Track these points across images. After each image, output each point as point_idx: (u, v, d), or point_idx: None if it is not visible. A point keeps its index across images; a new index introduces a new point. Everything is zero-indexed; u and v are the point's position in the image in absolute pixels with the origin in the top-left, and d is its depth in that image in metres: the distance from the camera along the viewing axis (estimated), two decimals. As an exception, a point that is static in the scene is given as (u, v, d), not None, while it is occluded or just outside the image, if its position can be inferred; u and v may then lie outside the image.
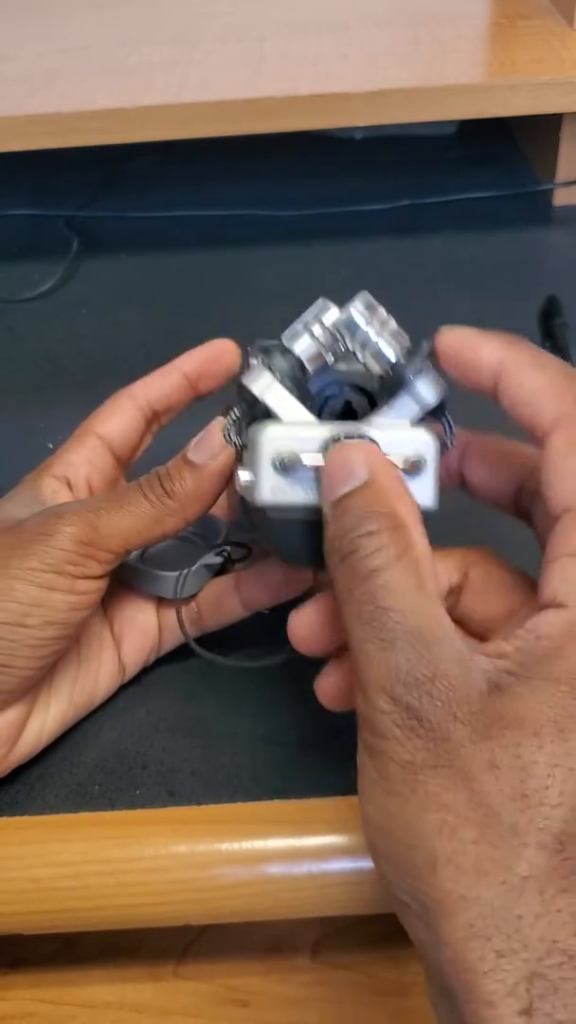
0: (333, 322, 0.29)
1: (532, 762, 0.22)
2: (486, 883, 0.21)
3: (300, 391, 0.29)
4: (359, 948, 0.47)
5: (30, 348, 0.59)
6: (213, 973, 0.46)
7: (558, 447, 0.25)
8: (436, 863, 0.22)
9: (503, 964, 0.21)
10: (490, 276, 0.61)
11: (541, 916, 0.21)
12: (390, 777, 0.24)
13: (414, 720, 0.23)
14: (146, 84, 0.60)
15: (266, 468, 0.28)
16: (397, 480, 0.27)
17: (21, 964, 0.47)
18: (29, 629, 0.30)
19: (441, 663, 0.23)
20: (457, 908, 0.22)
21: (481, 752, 0.22)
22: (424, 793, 0.23)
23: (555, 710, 0.22)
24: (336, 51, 0.62)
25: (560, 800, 0.21)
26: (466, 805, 0.22)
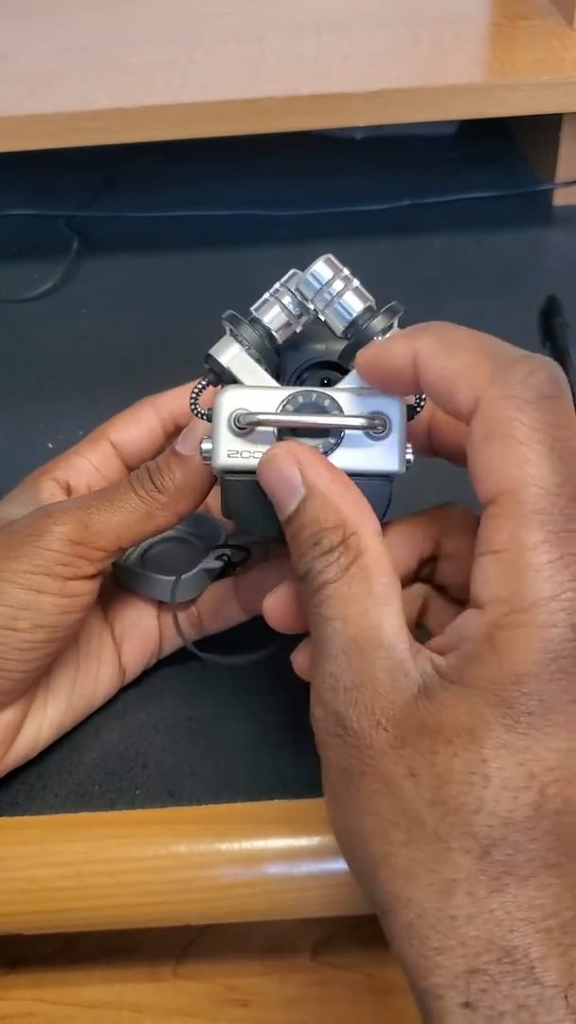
0: (297, 281, 0.29)
1: (447, 770, 0.22)
2: (416, 885, 0.22)
3: (269, 361, 0.29)
4: (359, 948, 0.47)
5: (30, 348, 0.59)
6: (213, 973, 0.46)
7: (476, 434, 0.24)
8: (375, 864, 0.23)
9: (441, 960, 0.21)
10: (490, 276, 0.61)
11: (474, 917, 0.21)
12: (332, 782, 0.24)
13: (341, 727, 0.23)
14: (146, 84, 0.59)
15: (223, 429, 0.28)
16: (334, 479, 0.26)
17: (21, 964, 0.47)
18: (19, 632, 0.30)
19: (369, 670, 0.23)
20: (396, 907, 0.22)
21: (401, 759, 0.22)
22: (358, 798, 0.23)
23: (470, 717, 0.22)
24: (336, 51, 0.62)
25: (479, 806, 0.21)
26: (392, 810, 0.22)
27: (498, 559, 0.23)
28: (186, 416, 0.36)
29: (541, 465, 0.22)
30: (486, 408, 0.23)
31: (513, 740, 0.22)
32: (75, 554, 0.30)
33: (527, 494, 0.22)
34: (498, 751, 0.22)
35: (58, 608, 0.31)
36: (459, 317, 0.28)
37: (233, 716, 0.37)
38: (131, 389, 0.54)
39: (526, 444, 0.23)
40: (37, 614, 0.30)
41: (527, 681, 0.22)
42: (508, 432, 0.23)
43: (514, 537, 0.22)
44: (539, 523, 0.22)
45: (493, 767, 0.22)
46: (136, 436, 0.36)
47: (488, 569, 0.23)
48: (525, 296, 0.58)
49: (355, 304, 0.28)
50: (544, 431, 0.23)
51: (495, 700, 0.22)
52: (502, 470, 0.23)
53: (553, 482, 0.22)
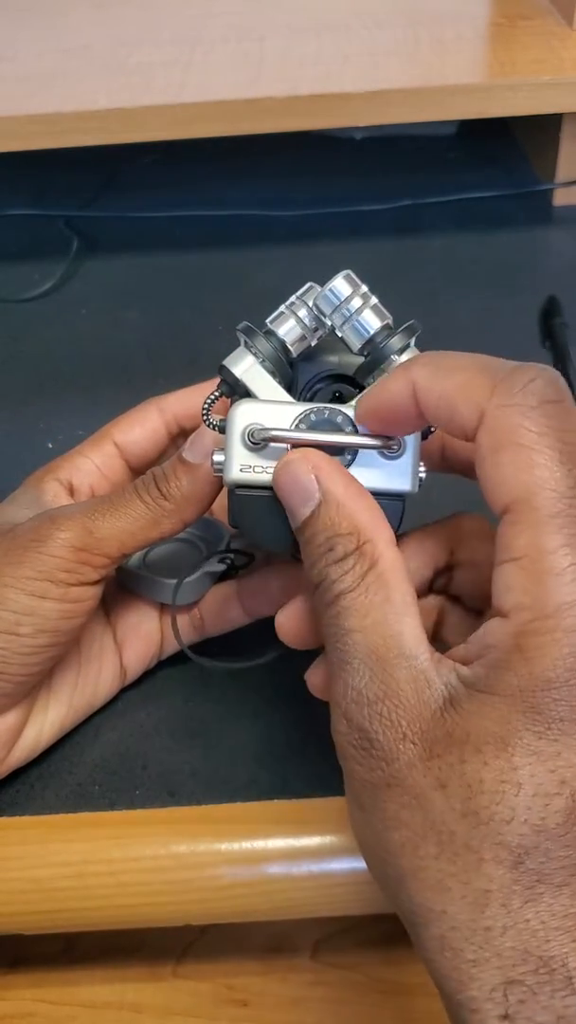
0: (315, 296, 0.29)
1: (478, 780, 0.22)
2: (449, 898, 0.21)
3: (283, 374, 0.29)
4: (359, 948, 0.47)
5: (30, 348, 0.59)
6: (213, 973, 0.46)
7: (483, 446, 0.24)
8: (405, 878, 0.22)
9: (477, 973, 0.21)
10: (490, 276, 0.61)
11: (509, 928, 0.21)
12: (358, 795, 0.24)
13: (366, 741, 0.23)
14: (146, 84, 0.59)
15: (236, 444, 0.28)
16: (349, 486, 0.26)
17: (22, 964, 0.48)
18: (21, 638, 0.30)
19: (393, 682, 0.23)
20: (429, 920, 0.22)
21: (429, 771, 0.22)
22: (385, 811, 0.23)
23: (500, 725, 0.22)
24: (336, 51, 0.62)
25: (511, 815, 0.21)
26: (422, 823, 0.22)
27: (519, 566, 0.23)
28: (191, 418, 0.36)
29: (553, 469, 0.22)
30: (491, 419, 0.23)
31: (544, 747, 0.21)
32: (78, 560, 0.30)
33: (542, 499, 0.22)
34: (529, 758, 0.21)
35: (61, 613, 0.30)
36: (459, 317, 0.28)
37: (233, 716, 0.37)
38: (131, 389, 0.54)
39: (535, 449, 0.22)
40: (40, 619, 0.30)
41: (557, 687, 0.21)
42: (516, 439, 0.23)
43: (533, 543, 0.22)
44: (557, 527, 0.22)
45: (524, 774, 0.21)
46: (140, 437, 0.36)
47: (509, 576, 0.23)
48: (525, 296, 0.58)
49: (373, 322, 0.28)
50: (551, 435, 0.23)
51: (524, 707, 0.22)
52: (514, 477, 0.23)
53: (566, 484, 0.22)
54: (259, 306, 0.31)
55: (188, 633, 0.38)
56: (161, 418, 0.36)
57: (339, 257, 0.65)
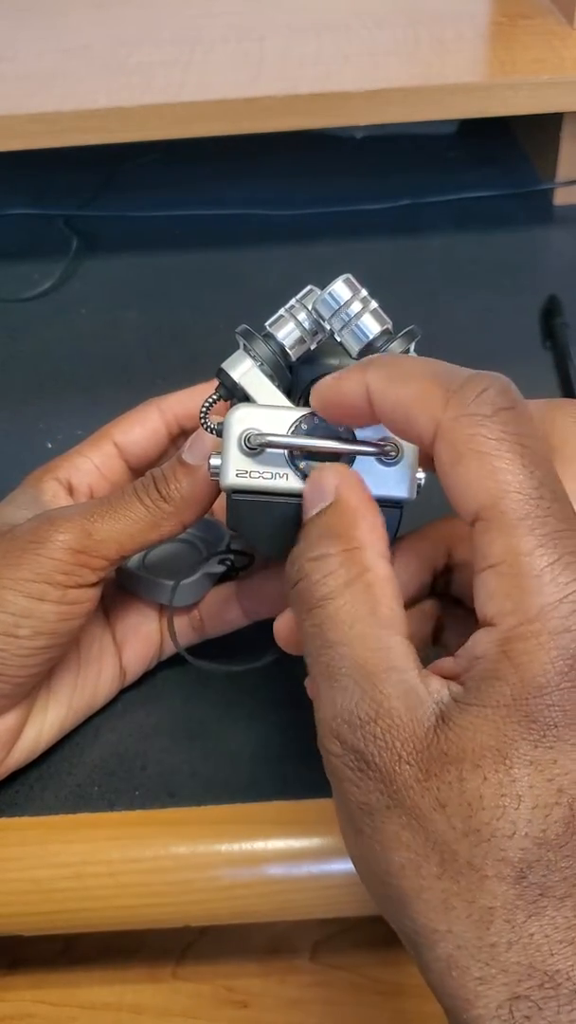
0: (315, 300, 0.28)
1: (478, 796, 0.21)
2: (454, 917, 0.21)
3: (281, 378, 0.29)
4: (359, 949, 0.47)
5: (29, 348, 0.59)
6: (213, 974, 0.46)
7: (443, 457, 0.23)
8: (407, 900, 0.22)
9: (483, 991, 0.21)
10: (490, 276, 0.61)
11: (514, 943, 0.21)
12: (354, 818, 0.23)
13: (362, 763, 0.23)
14: (146, 84, 0.59)
15: (233, 448, 0.28)
16: (362, 499, 0.26)
17: (21, 965, 0.47)
18: (20, 639, 0.30)
19: (385, 700, 0.23)
20: (433, 940, 0.22)
21: (428, 791, 0.22)
22: (384, 833, 0.22)
23: (495, 738, 0.21)
24: (336, 51, 0.62)
25: (513, 830, 0.21)
26: (423, 844, 0.22)
27: (496, 572, 0.22)
28: (192, 419, 0.36)
29: (515, 472, 0.22)
30: (447, 431, 0.23)
31: (540, 755, 0.21)
32: (77, 562, 0.30)
33: (509, 502, 0.22)
34: (527, 769, 0.21)
35: (59, 615, 0.30)
36: (459, 317, 0.27)
37: (233, 717, 0.37)
38: (131, 389, 0.54)
39: (495, 455, 0.22)
40: (38, 621, 0.30)
41: (548, 692, 0.21)
42: (475, 448, 0.23)
43: (508, 547, 0.22)
44: (528, 528, 0.22)
45: (523, 786, 0.21)
46: (140, 438, 0.36)
47: (489, 584, 0.23)
48: (526, 296, 0.58)
49: (372, 326, 0.28)
50: (510, 440, 0.22)
51: (518, 716, 0.21)
52: (478, 485, 0.22)
53: (531, 486, 0.22)
54: (259, 306, 0.31)
55: (187, 634, 0.38)
56: (162, 418, 0.36)
57: (339, 257, 0.65)
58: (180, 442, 0.36)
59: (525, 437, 0.23)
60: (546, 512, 0.22)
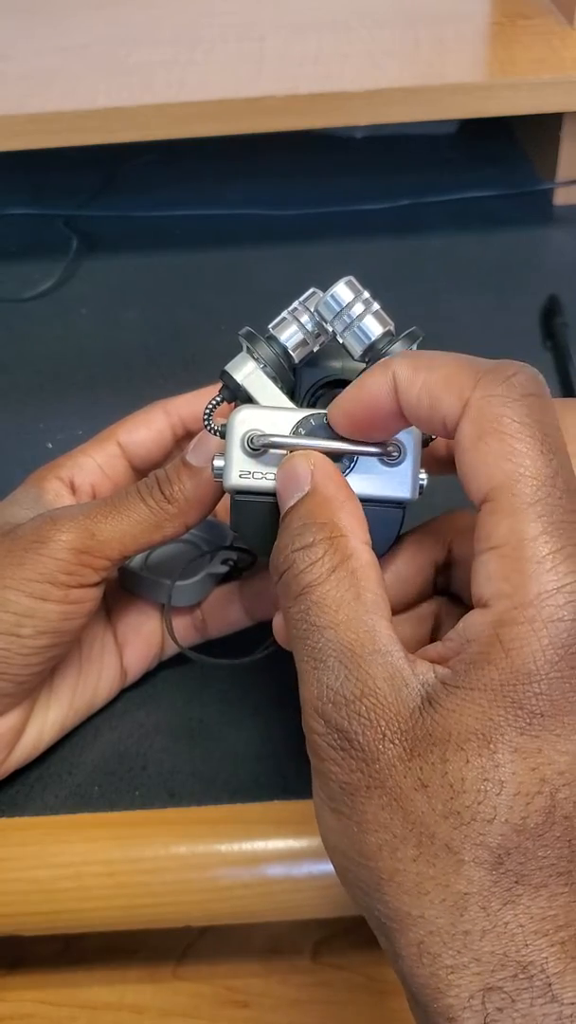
0: (317, 302, 0.28)
1: (460, 778, 0.21)
2: (428, 901, 0.21)
3: (284, 380, 0.29)
4: (359, 949, 0.47)
5: (30, 348, 0.59)
6: (213, 974, 0.46)
7: (466, 435, 0.23)
8: (381, 882, 0.22)
9: (455, 979, 0.21)
10: (490, 276, 0.61)
11: (488, 931, 0.20)
12: (333, 797, 0.23)
13: (345, 741, 0.23)
14: (146, 83, 0.59)
15: (236, 449, 0.28)
16: (340, 487, 0.26)
17: (21, 965, 0.47)
18: (22, 639, 0.30)
19: (371, 680, 0.23)
20: (405, 925, 0.21)
21: (410, 771, 0.22)
22: (363, 813, 0.22)
23: (481, 722, 0.21)
24: (336, 51, 0.62)
25: (493, 815, 0.21)
26: (401, 825, 0.22)
27: (498, 554, 0.22)
28: (197, 421, 0.36)
29: (534, 458, 0.22)
30: (475, 408, 0.23)
31: (525, 743, 0.21)
32: (79, 562, 0.30)
33: (522, 487, 0.22)
34: (511, 755, 0.21)
35: (61, 615, 0.30)
36: (459, 317, 0.27)
37: (233, 717, 0.37)
38: (131, 389, 0.54)
39: (517, 438, 0.22)
40: (40, 621, 0.30)
41: (537, 680, 0.21)
42: (499, 428, 0.23)
43: (513, 530, 0.22)
44: (537, 515, 0.22)
45: (506, 772, 0.21)
46: (145, 438, 0.36)
47: (489, 565, 0.23)
48: (526, 296, 0.58)
49: (374, 328, 0.28)
50: (533, 426, 0.23)
51: (506, 702, 0.21)
52: (495, 465, 0.23)
53: (546, 474, 0.22)
54: (259, 306, 0.31)
55: (190, 635, 0.38)
56: (167, 420, 0.36)
57: (339, 257, 0.65)
58: (184, 444, 0.36)
59: (548, 426, 0.23)
60: (557, 501, 0.22)
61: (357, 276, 0.29)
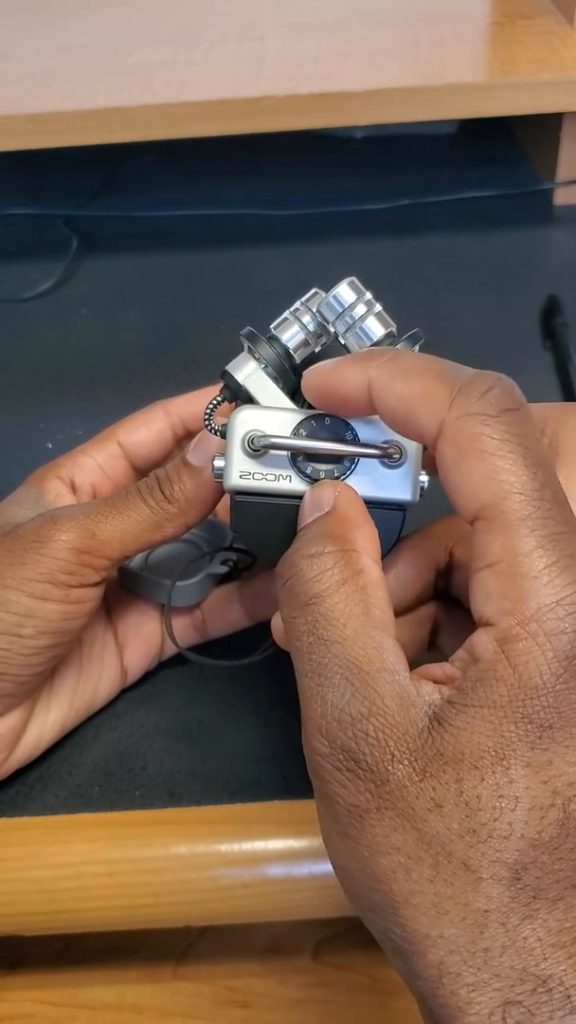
0: (319, 303, 0.28)
1: (475, 796, 0.21)
2: (448, 921, 0.21)
3: (286, 380, 0.29)
4: (360, 949, 0.47)
5: (30, 348, 0.59)
6: (213, 974, 0.46)
7: (446, 455, 0.23)
8: (396, 905, 0.22)
9: (476, 997, 0.20)
10: (490, 276, 0.61)
11: (508, 947, 0.20)
12: (339, 820, 0.23)
13: (351, 762, 0.22)
14: (146, 83, 0.59)
15: (237, 450, 0.28)
16: (360, 511, 0.26)
17: (21, 965, 0.47)
18: (23, 639, 0.30)
19: (378, 698, 0.22)
20: (424, 947, 0.21)
21: (423, 791, 0.21)
22: (373, 836, 0.22)
23: (493, 739, 0.21)
24: (336, 50, 0.62)
25: (509, 830, 0.21)
26: (416, 846, 0.21)
27: (494, 571, 0.22)
28: (198, 422, 0.36)
29: (518, 473, 0.22)
30: (451, 429, 0.23)
31: (536, 757, 0.21)
32: (80, 562, 0.30)
33: (511, 503, 0.22)
34: (524, 770, 0.21)
35: (62, 615, 0.30)
36: (459, 317, 0.27)
37: (233, 717, 0.37)
38: (130, 389, 0.54)
39: (499, 455, 0.22)
40: (41, 621, 0.30)
41: (544, 693, 0.21)
42: (478, 447, 0.23)
43: (507, 547, 0.22)
44: (529, 529, 0.22)
45: (520, 787, 0.21)
46: (145, 438, 0.36)
47: (487, 583, 0.23)
48: (526, 296, 0.58)
49: (376, 329, 0.28)
50: (514, 441, 0.23)
51: (516, 717, 0.21)
52: (481, 484, 0.23)
53: (532, 488, 0.22)
54: (259, 306, 0.31)
55: (190, 635, 0.38)
56: (167, 420, 0.36)
57: (339, 257, 0.65)
58: (185, 444, 0.36)
59: (528, 439, 0.23)
60: (547, 514, 0.22)
61: (357, 276, 0.29)
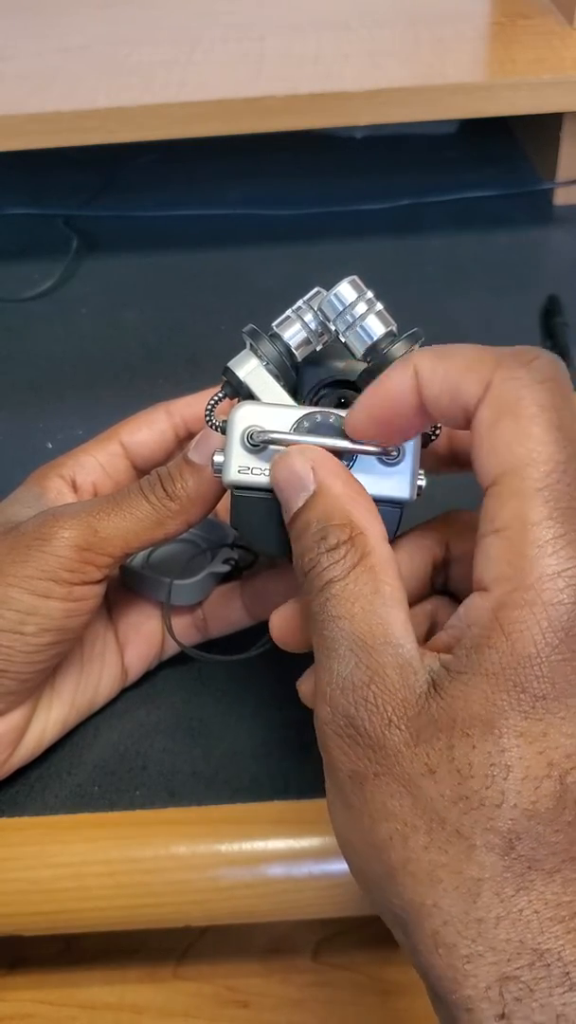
0: (320, 301, 0.29)
1: (467, 763, 0.21)
2: (441, 890, 0.21)
3: (287, 378, 0.29)
4: (360, 949, 0.47)
5: (29, 348, 0.59)
6: (213, 974, 0.46)
7: (483, 419, 0.23)
8: (394, 873, 0.22)
9: (471, 969, 0.20)
10: (490, 276, 0.61)
11: (503, 918, 0.20)
12: (342, 788, 0.23)
13: (351, 728, 0.23)
14: (146, 83, 0.59)
15: (236, 445, 0.28)
16: (348, 482, 0.26)
17: (21, 965, 0.47)
18: (26, 636, 0.30)
19: (379, 667, 0.23)
20: (420, 916, 0.21)
21: (417, 757, 0.22)
22: (372, 803, 0.22)
23: (485, 707, 0.21)
24: (336, 50, 0.62)
25: (501, 799, 0.21)
26: (411, 812, 0.22)
27: (501, 537, 0.22)
28: (199, 422, 0.36)
29: (547, 443, 0.22)
30: (495, 390, 0.23)
31: (530, 727, 0.21)
32: (82, 560, 0.30)
33: (532, 471, 0.22)
34: (517, 739, 0.21)
35: (64, 612, 0.31)
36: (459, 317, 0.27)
37: (234, 716, 0.37)
38: (131, 389, 0.54)
39: (533, 422, 0.23)
40: (44, 618, 0.30)
41: (538, 663, 0.21)
42: (516, 411, 0.23)
43: (518, 514, 0.22)
44: (543, 499, 0.22)
45: (513, 756, 0.21)
46: (147, 438, 0.36)
47: (491, 548, 0.23)
48: (526, 295, 0.58)
49: (377, 328, 0.28)
50: (551, 410, 0.23)
51: (508, 686, 0.21)
52: (508, 449, 0.23)
53: (558, 459, 0.22)
54: (259, 306, 0.31)
55: (191, 634, 0.38)
56: (169, 421, 0.36)
57: (339, 257, 0.65)
58: (187, 444, 0.36)
59: (564, 411, 0.23)
60: (566, 488, 0.22)
61: (358, 276, 0.29)
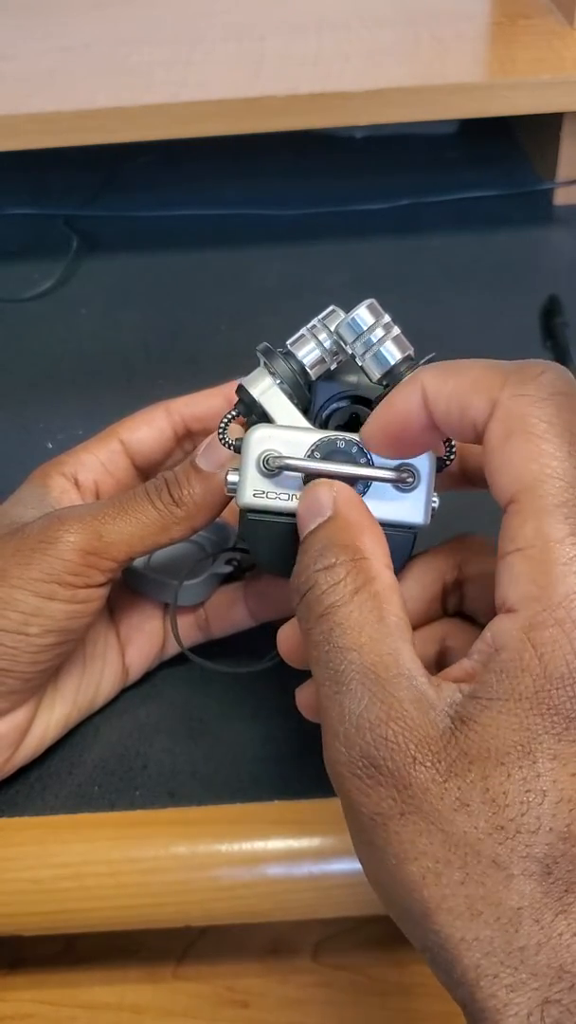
0: (337, 324, 0.29)
1: (502, 793, 0.21)
2: (482, 922, 0.21)
3: (300, 397, 0.29)
4: (360, 949, 0.47)
5: (30, 348, 0.59)
6: (213, 974, 0.46)
7: (494, 435, 0.23)
8: (429, 912, 0.21)
9: (514, 998, 0.20)
10: (490, 276, 0.61)
11: (543, 944, 0.20)
12: (365, 830, 0.22)
13: (372, 768, 0.22)
14: (146, 83, 0.59)
15: (251, 469, 0.28)
16: (363, 513, 0.26)
17: (21, 965, 0.47)
18: (30, 637, 0.30)
19: (396, 702, 0.22)
20: (460, 951, 0.21)
21: (448, 792, 0.21)
22: (399, 843, 0.22)
23: (519, 733, 0.21)
24: (336, 50, 0.62)
25: (538, 824, 0.20)
26: (443, 848, 0.21)
27: (524, 556, 0.22)
28: (198, 421, 0.36)
29: (561, 458, 0.22)
30: (503, 408, 0.23)
31: (563, 749, 0.21)
32: (86, 563, 0.30)
33: (549, 487, 0.22)
34: (551, 763, 0.21)
35: (68, 614, 0.31)
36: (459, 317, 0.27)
37: (234, 716, 0.37)
38: (130, 389, 0.54)
39: (545, 438, 0.22)
40: (48, 620, 0.30)
41: (571, 683, 0.21)
42: (526, 428, 0.23)
43: (539, 532, 0.22)
44: (563, 516, 0.22)
45: (547, 781, 0.21)
46: (147, 436, 0.36)
47: (515, 567, 0.22)
48: (526, 296, 0.58)
49: (395, 352, 0.28)
50: (561, 425, 0.22)
51: (542, 708, 0.21)
52: (522, 466, 0.22)
53: (574, 475, 0.22)
54: (259, 306, 0.31)
55: (193, 634, 0.38)
56: (168, 420, 0.36)
57: (339, 257, 0.65)
58: (185, 444, 0.37)
59: (575, 424, 0.23)
60: None
61: (357, 276, 0.29)
